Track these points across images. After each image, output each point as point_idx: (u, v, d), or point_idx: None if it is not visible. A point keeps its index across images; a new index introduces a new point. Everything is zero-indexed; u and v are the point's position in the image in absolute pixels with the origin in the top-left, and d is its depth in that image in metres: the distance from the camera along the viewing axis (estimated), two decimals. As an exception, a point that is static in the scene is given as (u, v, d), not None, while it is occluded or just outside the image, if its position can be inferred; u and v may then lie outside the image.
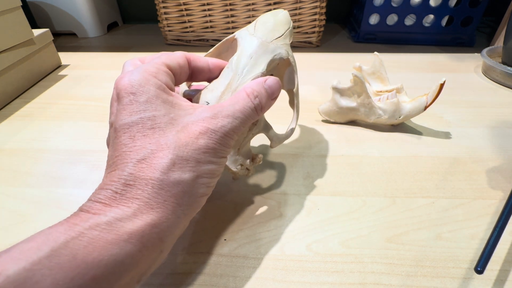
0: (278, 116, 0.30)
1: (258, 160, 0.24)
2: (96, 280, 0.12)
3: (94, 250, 0.12)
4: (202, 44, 0.63)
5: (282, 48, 0.21)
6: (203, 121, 0.16)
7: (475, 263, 0.20)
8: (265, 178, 0.28)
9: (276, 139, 0.24)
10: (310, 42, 0.62)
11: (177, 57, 0.19)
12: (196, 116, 0.17)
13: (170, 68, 0.18)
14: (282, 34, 0.22)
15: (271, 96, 0.19)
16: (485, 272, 0.20)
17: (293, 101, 0.24)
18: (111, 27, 0.78)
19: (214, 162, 0.16)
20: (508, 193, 0.25)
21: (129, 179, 0.14)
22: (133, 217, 0.13)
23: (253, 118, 0.18)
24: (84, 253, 0.12)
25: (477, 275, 0.20)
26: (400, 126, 0.35)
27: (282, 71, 0.25)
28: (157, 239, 0.14)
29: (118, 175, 0.14)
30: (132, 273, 0.13)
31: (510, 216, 0.19)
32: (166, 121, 0.16)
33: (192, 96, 0.21)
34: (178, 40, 0.64)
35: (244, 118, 0.17)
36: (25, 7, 0.48)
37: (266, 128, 0.23)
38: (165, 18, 0.61)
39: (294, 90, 0.24)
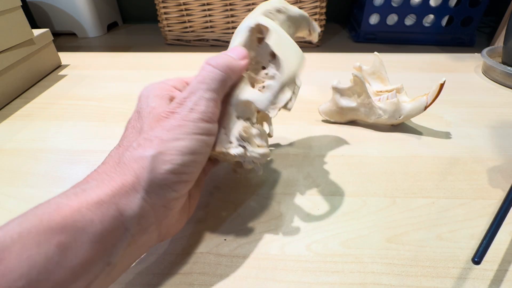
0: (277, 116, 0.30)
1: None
2: (61, 247, 0.13)
3: (58, 215, 0.13)
4: (202, 44, 0.63)
5: (258, 18, 0.20)
6: (172, 104, 0.18)
7: (475, 263, 0.20)
8: (265, 178, 0.28)
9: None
10: (310, 42, 0.62)
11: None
12: (171, 104, 0.18)
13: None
14: (266, 9, 0.21)
15: (232, 56, 0.19)
16: (485, 272, 0.20)
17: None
18: (111, 27, 0.78)
19: (181, 138, 0.16)
20: (508, 193, 0.26)
21: (106, 159, 0.17)
22: (95, 188, 0.15)
23: (218, 80, 0.18)
24: (49, 219, 0.13)
25: (480, 277, 0.20)
26: (400, 126, 0.35)
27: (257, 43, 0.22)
28: (116, 211, 0.14)
29: (107, 157, 0.17)
30: (97, 246, 0.14)
31: (510, 207, 0.19)
32: (148, 111, 0.18)
33: None
34: (178, 40, 0.64)
35: (207, 84, 0.18)
36: (25, 7, 0.48)
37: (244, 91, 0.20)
38: (165, 18, 0.61)
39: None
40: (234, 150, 0.19)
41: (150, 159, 0.15)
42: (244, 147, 0.19)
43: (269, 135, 0.23)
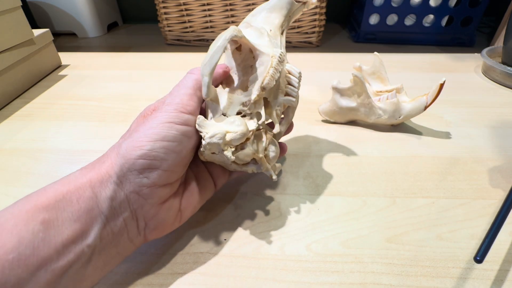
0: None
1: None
2: (45, 224, 0.14)
3: (44, 197, 0.15)
4: (202, 44, 0.63)
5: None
6: (155, 104, 0.20)
7: (475, 263, 0.20)
8: (265, 178, 0.28)
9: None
10: (310, 42, 0.62)
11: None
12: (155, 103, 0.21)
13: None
14: (244, 21, 0.24)
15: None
16: (485, 272, 0.20)
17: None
18: (111, 27, 0.78)
19: (154, 127, 0.18)
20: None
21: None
22: (78, 175, 0.17)
23: (191, 79, 0.20)
24: (37, 199, 0.15)
25: (479, 274, 0.20)
26: (400, 126, 0.35)
27: None
28: (92, 193, 0.16)
29: None
30: (76, 225, 0.15)
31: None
32: (140, 114, 0.20)
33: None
34: (178, 40, 0.64)
35: (183, 84, 0.20)
36: (25, 7, 0.48)
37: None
38: (165, 18, 0.61)
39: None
40: (201, 147, 0.19)
41: (123, 147, 0.17)
42: (204, 138, 0.19)
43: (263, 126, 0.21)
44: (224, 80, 0.22)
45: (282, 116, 0.23)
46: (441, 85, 0.30)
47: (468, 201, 0.25)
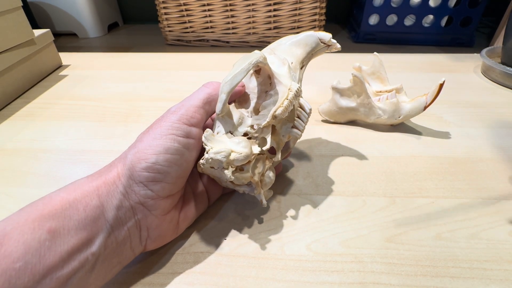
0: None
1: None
2: (51, 232, 0.14)
3: (50, 205, 0.15)
4: (202, 44, 0.64)
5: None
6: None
7: (475, 262, 0.20)
8: (265, 178, 0.28)
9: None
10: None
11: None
12: None
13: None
14: (268, 47, 0.25)
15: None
16: (484, 272, 0.20)
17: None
18: (112, 27, 0.78)
19: (158, 138, 0.18)
20: (508, 193, 0.26)
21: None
22: (84, 183, 0.17)
23: (204, 92, 0.20)
24: (43, 208, 0.15)
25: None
26: (399, 126, 0.35)
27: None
28: (98, 201, 0.16)
29: None
30: (81, 233, 0.15)
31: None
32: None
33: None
34: (178, 40, 0.64)
35: (194, 96, 0.20)
36: (26, 7, 0.48)
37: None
38: (166, 18, 0.61)
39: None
40: (202, 159, 0.19)
41: (129, 158, 0.17)
42: (207, 152, 0.19)
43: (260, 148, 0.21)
44: (238, 98, 0.22)
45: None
46: (441, 85, 0.30)
47: (468, 201, 0.25)
